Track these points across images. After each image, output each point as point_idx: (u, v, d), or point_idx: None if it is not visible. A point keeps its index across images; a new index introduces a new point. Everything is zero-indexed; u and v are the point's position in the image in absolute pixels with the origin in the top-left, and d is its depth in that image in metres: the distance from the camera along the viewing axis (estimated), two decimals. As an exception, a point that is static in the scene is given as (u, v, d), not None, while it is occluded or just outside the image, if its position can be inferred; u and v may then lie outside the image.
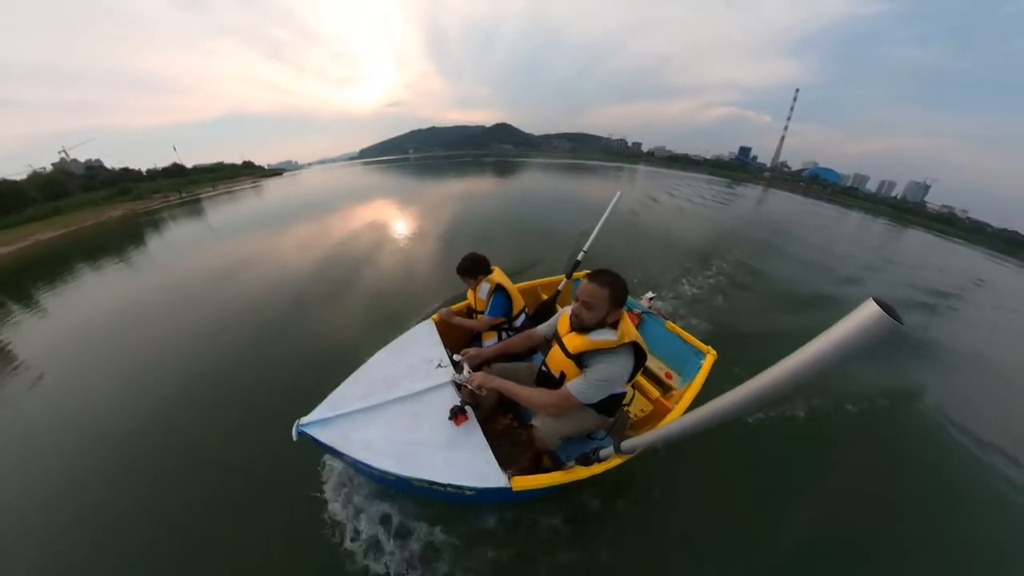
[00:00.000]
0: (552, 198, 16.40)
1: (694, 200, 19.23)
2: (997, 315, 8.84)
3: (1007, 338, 7.46)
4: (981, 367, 5.57)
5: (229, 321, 5.20)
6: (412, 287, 5.90)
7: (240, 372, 3.97)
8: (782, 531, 2.45)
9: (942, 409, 4.12)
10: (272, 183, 36.68)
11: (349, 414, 1.95)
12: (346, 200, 16.16)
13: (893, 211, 60.14)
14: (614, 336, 1.69)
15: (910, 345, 5.79)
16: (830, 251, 11.87)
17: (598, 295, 1.66)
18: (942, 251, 20.26)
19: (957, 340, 6.41)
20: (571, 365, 1.81)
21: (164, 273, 8.17)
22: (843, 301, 6.95)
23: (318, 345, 4.34)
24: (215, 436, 3.13)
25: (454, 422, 1.90)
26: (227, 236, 11.61)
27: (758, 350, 4.36)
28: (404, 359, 2.29)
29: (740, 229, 12.80)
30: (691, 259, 7.73)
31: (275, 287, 6.24)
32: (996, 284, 13.34)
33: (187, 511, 2.49)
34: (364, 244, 8.36)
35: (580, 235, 7.36)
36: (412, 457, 1.79)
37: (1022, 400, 4.94)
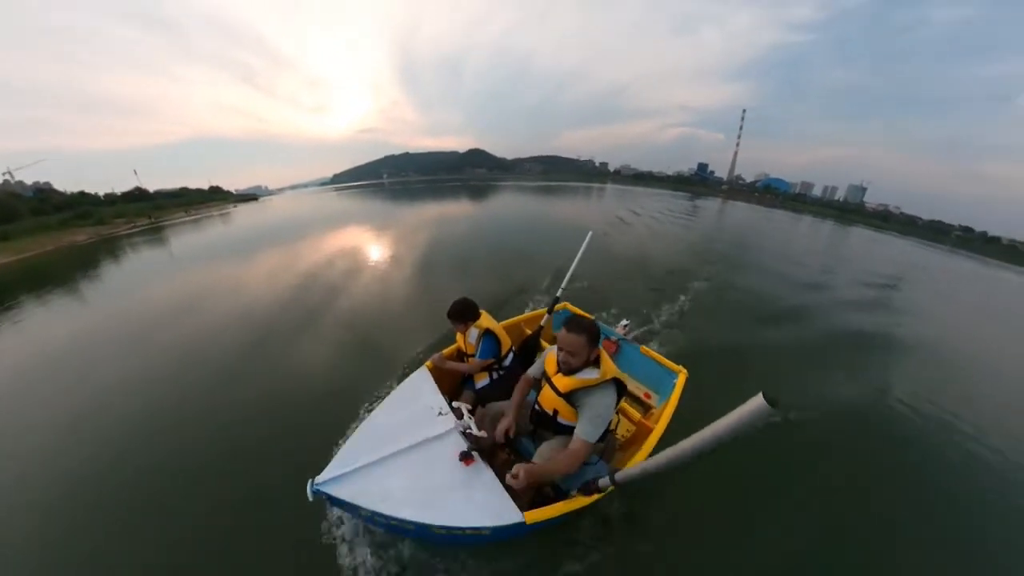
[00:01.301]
0: (528, 219, 16.52)
1: (663, 214, 20.59)
2: (934, 290, 10.94)
3: (945, 310, 8.88)
4: (929, 340, 6.43)
5: (190, 360, 4.73)
6: (388, 317, 5.63)
7: (204, 421, 3.54)
8: (763, 521, 2.64)
9: (900, 381, 4.77)
10: (246, 208, 35.50)
11: (363, 468, 1.97)
12: (319, 226, 15.46)
13: (838, 213, 65.85)
14: (597, 374, 1.93)
15: (870, 331, 6.58)
16: (789, 256, 13.19)
17: (577, 342, 1.91)
18: (883, 244, 23.68)
19: (905, 319, 7.47)
20: (563, 403, 2.04)
21: (124, 305, 7.40)
22: (803, 309, 7.45)
23: (290, 384, 4.00)
24: (181, 497, 2.74)
25: (464, 463, 2.02)
26: (199, 263, 10.70)
27: (725, 364, 4.58)
28: (406, 410, 2.37)
29: (704, 243, 13.74)
30: (662, 279, 7.80)
31: (242, 320, 5.78)
32: (929, 266, 17.36)
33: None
34: (337, 272, 7.93)
35: (558, 260, 7.62)
36: (430, 504, 1.85)
37: (964, 359, 5.85)
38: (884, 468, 3.27)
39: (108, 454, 3.27)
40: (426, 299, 6.27)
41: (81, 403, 4.04)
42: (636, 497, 2.69)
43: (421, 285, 7.02)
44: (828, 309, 7.45)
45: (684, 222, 18.90)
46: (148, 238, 18.01)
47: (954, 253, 29.74)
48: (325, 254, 9.73)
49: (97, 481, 2.96)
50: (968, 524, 2.80)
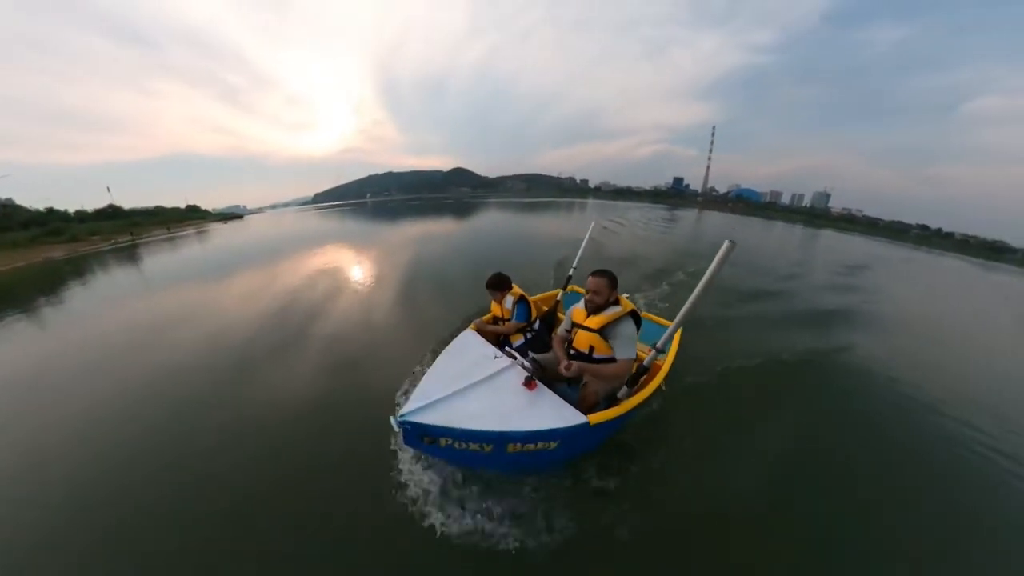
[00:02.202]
0: (514, 235, 16.66)
1: (646, 223, 21.77)
2: (896, 279, 12.33)
3: (903, 293, 10.22)
4: (884, 313, 7.46)
5: (161, 385, 4.24)
6: (370, 335, 5.31)
7: (169, 459, 3.08)
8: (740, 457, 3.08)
9: (861, 346, 5.64)
10: (231, 226, 34.45)
11: (442, 399, 2.21)
12: (300, 246, 14.86)
13: (806, 218, 69.91)
14: (620, 308, 2.52)
15: (839, 309, 7.55)
16: (766, 253, 14.52)
17: (600, 283, 2.50)
18: (849, 243, 25.91)
19: (869, 300, 8.64)
20: (597, 338, 2.50)
21: (93, 327, 6.63)
22: (780, 291, 8.61)
23: (267, 410, 3.59)
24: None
25: (528, 388, 2.38)
26: (185, 281, 10.05)
27: (712, 327, 5.66)
28: (464, 358, 2.69)
29: (687, 244, 14.82)
30: (651, 273, 9.02)
31: (218, 342, 5.36)
32: (890, 259, 19.33)
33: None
34: (318, 292, 7.54)
35: (547, 273, 8.31)
36: (507, 418, 2.14)
37: (910, 327, 6.84)
38: (836, 410, 3.94)
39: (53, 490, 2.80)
40: (410, 317, 6.00)
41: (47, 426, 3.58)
42: (639, 443, 3.16)
43: (405, 303, 6.72)
44: (801, 291, 8.65)
45: (666, 229, 20.14)
46: (132, 254, 17.35)
47: (916, 249, 32.13)
48: (306, 274, 9.27)
49: (34, 529, 2.50)
50: (896, 446, 3.46)
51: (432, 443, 2.13)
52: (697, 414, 3.58)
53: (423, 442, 2.14)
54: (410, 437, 2.13)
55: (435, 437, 2.10)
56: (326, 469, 2.86)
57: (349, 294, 7.33)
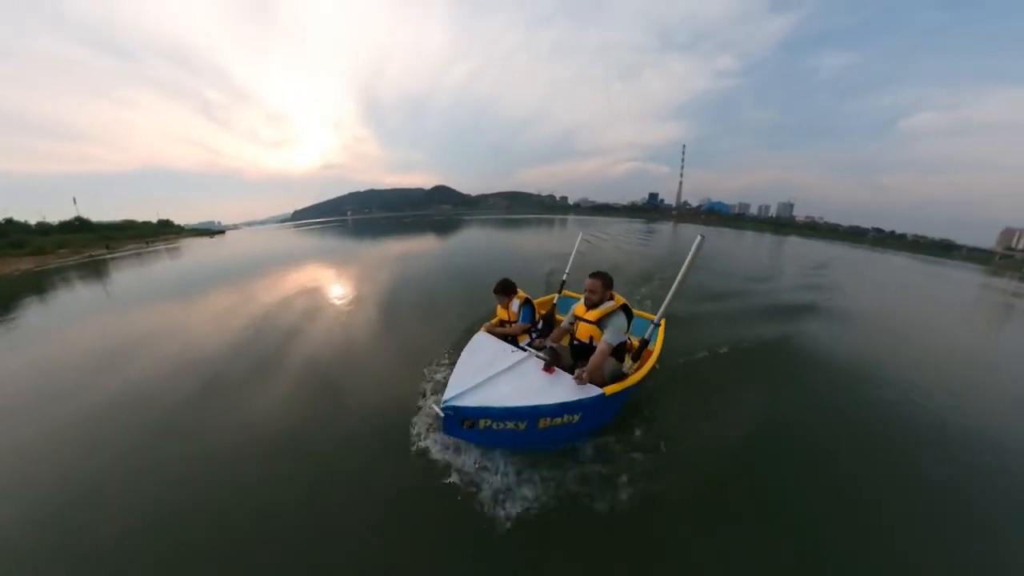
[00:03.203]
0: (497, 251, 16.57)
1: (626, 236, 22.72)
2: (859, 276, 14.03)
3: (861, 286, 11.48)
4: (847, 307, 8.20)
5: (132, 407, 3.90)
6: (350, 355, 4.99)
7: (131, 492, 2.76)
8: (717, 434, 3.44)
9: (825, 334, 6.28)
10: (211, 241, 32.96)
11: (475, 386, 2.47)
12: (277, 264, 14.04)
13: (773, 227, 74.60)
14: (614, 303, 3.02)
15: (806, 302, 8.30)
16: (740, 259, 16.11)
17: (596, 283, 2.97)
18: (813, 247, 27.87)
19: (832, 293, 9.55)
20: (596, 329, 2.99)
21: (59, 345, 6.20)
22: (751, 289, 9.42)
23: (243, 434, 3.33)
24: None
25: (548, 372, 2.75)
26: (164, 298, 9.59)
27: (692, 319, 6.28)
28: (483, 354, 2.96)
29: (666, 255, 15.76)
30: (635, 278, 9.62)
31: (200, 360, 5.00)
32: (850, 258, 21.75)
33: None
34: (296, 312, 7.09)
35: (534, 286, 8.91)
36: (537, 396, 2.44)
37: (864, 314, 7.66)
38: (796, 383, 4.56)
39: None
40: (392, 335, 5.75)
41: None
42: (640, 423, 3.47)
43: (386, 321, 6.42)
44: (773, 289, 9.71)
45: (645, 241, 21.07)
46: (111, 267, 16.58)
47: (873, 251, 34.62)
48: (284, 293, 8.70)
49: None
50: (847, 412, 3.97)
51: (471, 427, 2.33)
52: (686, 391, 4.00)
53: (463, 427, 2.32)
54: (451, 423, 2.32)
55: (475, 420, 2.31)
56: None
57: (339, 312, 7.10)
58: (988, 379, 5.40)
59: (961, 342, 7.53)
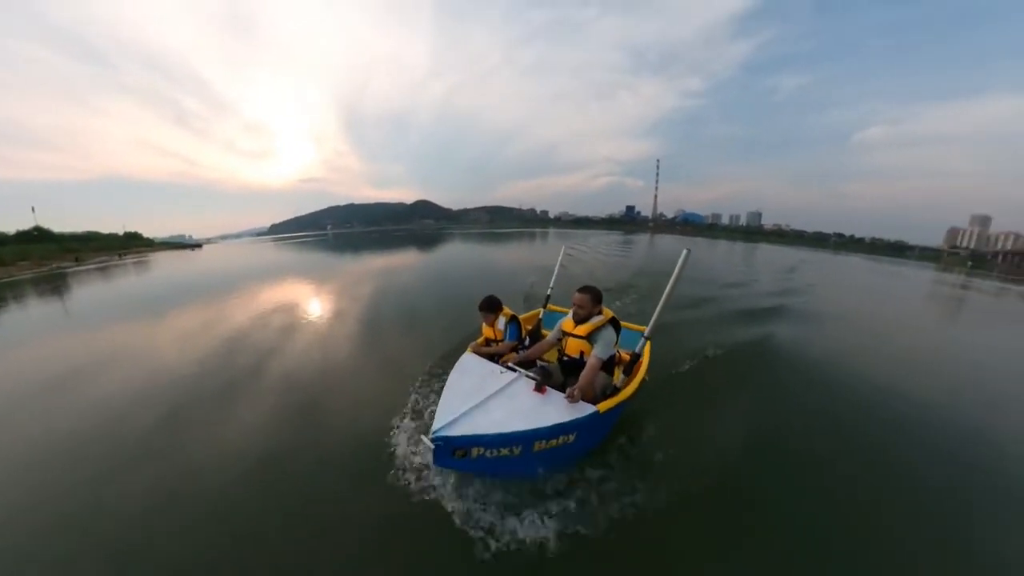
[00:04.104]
0: (479, 265, 16.55)
1: (607, 247, 23.26)
2: (823, 277, 15.31)
3: (829, 287, 12.30)
4: (818, 308, 8.68)
5: (90, 439, 3.52)
6: (329, 375, 4.74)
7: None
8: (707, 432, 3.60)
9: (797, 333, 6.58)
10: (186, 255, 31.13)
11: (465, 413, 2.34)
12: (253, 279, 13.48)
13: (744, 235, 78.63)
14: (602, 317, 2.94)
15: (778, 304, 8.69)
16: (715, 266, 16.90)
17: (584, 298, 2.89)
18: (782, 253, 29.47)
19: (803, 296, 10.12)
20: (585, 343, 2.89)
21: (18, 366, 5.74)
22: (728, 292, 9.82)
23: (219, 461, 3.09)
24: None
25: (540, 392, 2.62)
26: (125, 316, 8.84)
27: (676, 326, 6.40)
28: (471, 377, 2.82)
29: (646, 263, 16.45)
30: (618, 288, 9.90)
31: (155, 383, 4.64)
32: (816, 261, 23.58)
33: None
34: (273, 329, 6.74)
35: (528, 289, 9.02)
36: (531, 419, 2.32)
37: (829, 311, 8.08)
38: (779, 384, 4.76)
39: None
40: (373, 353, 5.52)
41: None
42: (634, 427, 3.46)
43: (367, 338, 6.20)
44: (748, 292, 10.35)
45: (625, 252, 21.65)
46: (73, 281, 14.23)
47: (835, 254, 36.82)
48: (260, 309, 8.35)
49: None
50: (829, 409, 4.17)
51: (464, 456, 2.20)
52: (674, 400, 4.04)
53: (454, 457, 2.19)
54: (442, 455, 2.17)
55: (467, 449, 2.18)
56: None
57: (318, 330, 6.77)
58: (953, 368, 5.81)
59: (924, 334, 8.20)
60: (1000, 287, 21.03)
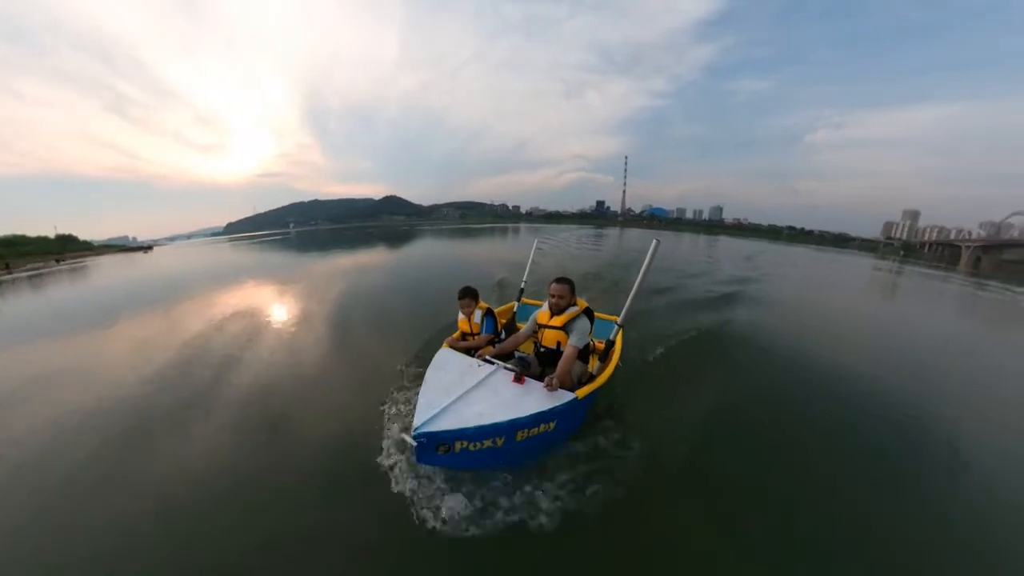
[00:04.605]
0: (452, 261, 16.53)
1: (579, 241, 23.71)
2: (777, 265, 16.54)
3: (783, 274, 13.38)
4: (774, 292, 9.36)
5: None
6: (298, 382, 4.48)
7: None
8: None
9: (753, 318, 7.05)
10: (132, 259, 28.25)
11: (447, 407, 2.33)
12: (210, 283, 12.47)
13: (707, 229, 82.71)
14: (577, 308, 3.02)
15: (736, 289, 9.26)
16: (680, 256, 17.63)
17: (563, 289, 2.97)
18: (740, 244, 30.86)
19: (760, 284, 10.82)
20: (561, 334, 2.97)
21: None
22: (694, 287, 10.18)
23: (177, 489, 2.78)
24: None
25: (519, 383, 2.66)
26: (58, 329, 7.82)
27: (644, 313, 6.72)
28: (450, 372, 2.80)
29: (615, 256, 16.83)
30: (587, 281, 10.05)
31: (109, 406, 4.10)
32: (771, 252, 25.81)
33: None
34: (233, 337, 6.23)
35: (497, 284, 9.05)
36: (512, 409, 2.35)
37: (779, 295, 8.82)
38: (742, 364, 5.12)
39: None
40: (345, 356, 5.31)
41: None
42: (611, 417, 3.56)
43: (338, 341, 5.94)
44: (711, 280, 11.02)
45: (596, 245, 22.14)
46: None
47: (788, 245, 39.68)
48: (219, 316, 7.66)
49: None
50: (787, 386, 4.56)
51: (447, 451, 2.20)
52: (645, 384, 4.21)
53: (438, 453, 2.18)
54: (425, 451, 2.15)
55: (450, 443, 2.18)
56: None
57: (284, 335, 6.34)
58: (896, 343, 6.49)
59: (863, 314, 9.09)
60: (926, 273, 24.40)
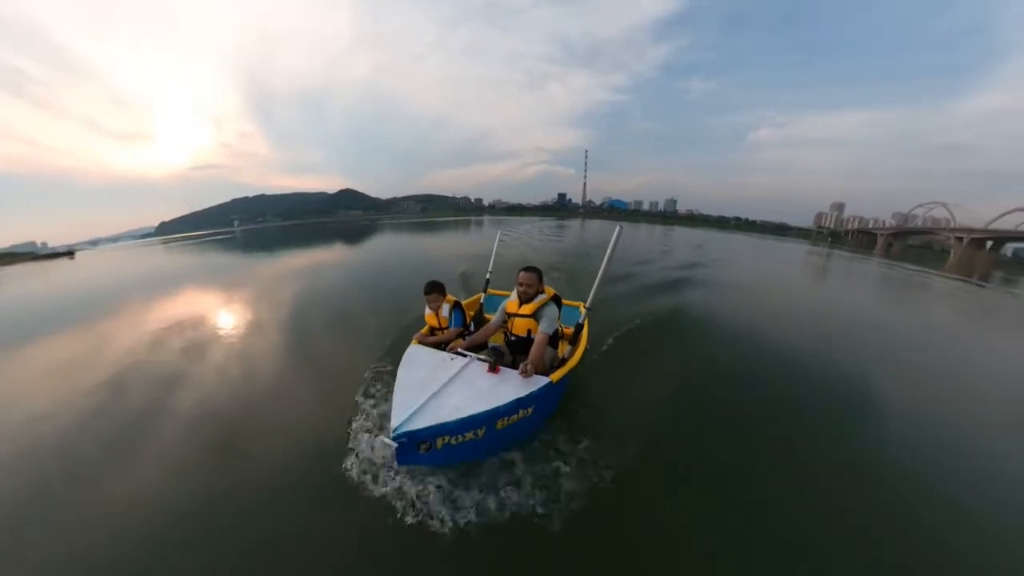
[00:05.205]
0: (414, 255, 16.34)
1: (541, 233, 23.91)
2: (724, 251, 18.13)
3: (730, 259, 14.61)
4: (723, 274, 10.14)
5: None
6: (255, 394, 4.11)
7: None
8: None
9: (703, 299, 7.61)
10: (40, 269, 24.28)
11: (424, 405, 2.28)
12: (143, 292, 10.57)
13: (663, 219, 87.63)
14: (545, 295, 3.06)
15: (692, 275, 9.93)
16: (639, 244, 19.02)
17: (531, 277, 3.00)
18: (693, 233, 33.31)
19: (710, 268, 11.67)
20: (531, 321, 3.00)
21: None
22: (651, 272, 10.72)
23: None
24: None
25: (494, 373, 2.65)
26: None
27: (607, 298, 6.91)
28: (422, 368, 2.73)
29: (576, 247, 17.36)
30: (550, 270, 10.31)
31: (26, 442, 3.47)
32: (719, 239, 28.50)
33: None
34: (175, 351, 5.50)
35: (460, 276, 8.99)
36: (489, 399, 2.34)
37: (726, 278, 9.67)
38: (699, 341, 5.55)
39: None
40: (305, 362, 4.95)
41: None
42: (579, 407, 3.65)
43: (296, 347, 5.49)
44: (667, 264, 12.04)
45: (559, 236, 22.60)
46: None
47: (734, 234, 43.47)
48: (156, 328, 6.60)
49: None
50: (740, 360, 4.95)
51: (429, 449, 2.15)
52: (612, 364, 4.38)
53: (419, 452, 2.13)
54: (406, 452, 2.08)
55: (431, 440, 2.14)
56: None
57: (234, 344, 5.67)
58: (827, 319, 7.28)
59: (798, 293, 10.27)
60: (849, 256, 28.72)
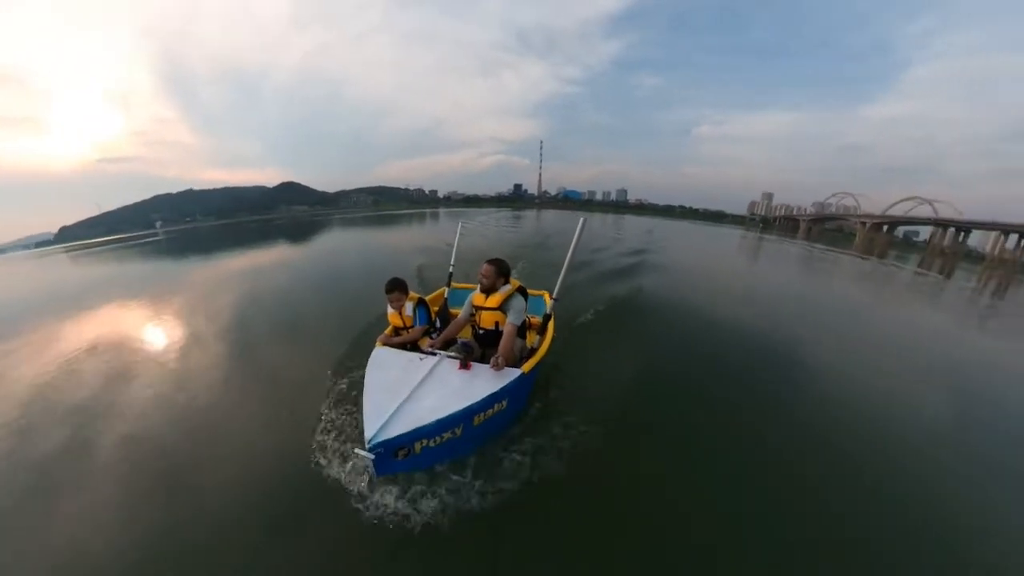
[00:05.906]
0: (368, 252, 15.97)
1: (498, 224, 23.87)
2: (671, 236, 19.93)
3: (675, 243, 15.93)
4: (670, 258, 10.87)
5: None
6: (197, 418, 3.62)
7: None
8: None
9: (660, 285, 8.13)
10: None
11: (397, 411, 2.20)
12: (44, 313, 8.13)
13: (615, 209, 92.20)
14: (511, 287, 3.06)
15: (640, 260, 10.51)
16: (593, 233, 19.29)
17: (490, 269, 2.99)
18: (642, 220, 35.50)
19: (655, 252, 12.51)
20: (499, 314, 2.99)
21: None
22: (606, 258, 11.20)
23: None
24: None
25: (466, 369, 2.61)
26: None
27: (571, 290, 7.03)
28: (391, 371, 2.64)
29: (532, 238, 17.58)
30: (512, 258, 10.38)
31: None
32: (665, 226, 31.43)
33: None
34: (94, 378, 4.63)
35: (417, 270, 8.88)
36: (464, 397, 2.30)
37: (673, 262, 10.57)
38: (657, 323, 5.95)
39: None
40: (253, 376, 4.52)
41: None
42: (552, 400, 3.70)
43: (242, 360, 4.96)
44: (620, 250, 12.85)
45: (515, 227, 22.67)
46: None
47: (679, 221, 47.06)
48: (66, 353, 5.41)
49: None
50: (694, 339, 5.43)
51: (408, 455, 2.09)
52: (579, 350, 4.59)
53: (398, 459, 2.06)
54: (384, 462, 2.01)
55: (409, 446, 2.08)
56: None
57: (167, 364, 4.94)
58: (764, 293, 8.25)
59: (736, 273, 11.44)
60: (776, 239, 33.05)
